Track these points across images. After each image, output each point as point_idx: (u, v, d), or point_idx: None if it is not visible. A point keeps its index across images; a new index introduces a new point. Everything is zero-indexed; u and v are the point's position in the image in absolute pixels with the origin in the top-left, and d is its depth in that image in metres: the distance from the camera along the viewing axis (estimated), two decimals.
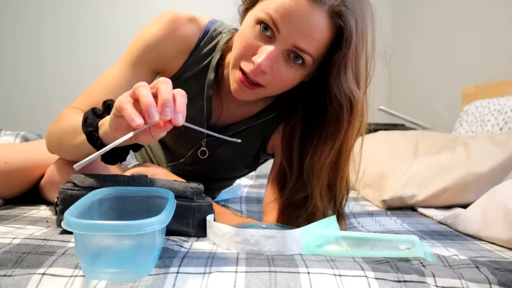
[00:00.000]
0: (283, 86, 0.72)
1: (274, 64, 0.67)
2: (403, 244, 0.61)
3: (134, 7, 2.79)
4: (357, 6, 0.66)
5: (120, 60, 0.80)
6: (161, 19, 0.77)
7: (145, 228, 0.43)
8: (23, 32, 2.73)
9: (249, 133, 0.88)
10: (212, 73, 0.81)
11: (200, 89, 0.82)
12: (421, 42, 2.53)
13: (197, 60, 0.81)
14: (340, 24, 0.66)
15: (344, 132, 0.72)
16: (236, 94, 0.73)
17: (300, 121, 0.79)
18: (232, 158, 0.91)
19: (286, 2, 0.63)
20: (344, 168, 0.77)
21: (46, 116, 2.66)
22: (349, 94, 0.70)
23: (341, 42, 0.67)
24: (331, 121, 0.73)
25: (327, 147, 0.73)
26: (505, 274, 0.51)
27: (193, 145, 0.89)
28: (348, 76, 0.69)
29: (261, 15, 0.66)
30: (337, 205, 0.79)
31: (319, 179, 0.75)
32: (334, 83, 0.69)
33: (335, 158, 0.74)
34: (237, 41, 0.70)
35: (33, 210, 0.79)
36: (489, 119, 1.48)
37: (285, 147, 0.82)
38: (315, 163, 0.74)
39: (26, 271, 0.45)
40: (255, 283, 0.45)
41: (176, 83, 0.82)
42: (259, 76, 0.68)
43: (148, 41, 0.77)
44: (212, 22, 0.82)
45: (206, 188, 0.75)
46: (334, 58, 0.68)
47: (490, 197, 0.80)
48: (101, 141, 0.60)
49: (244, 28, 0.69)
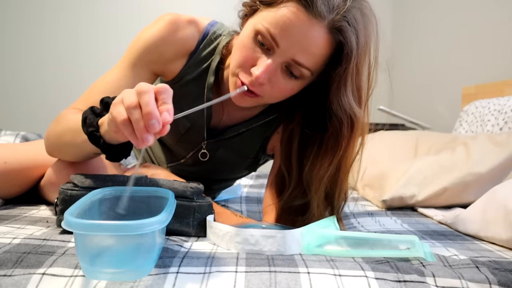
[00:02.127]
0: (281, 96, 0.72)
1: (272, 76, 0.67)
2: (403, 244, 0.61)
3: (134, 7, 2.79)
4: (360, 20, 0.65)
5: (120, 62, 0.79)
6: (161, 21, 0.77)
7: (145, 228, 0.43)
8: (23, 32, 2.73)
9: (249, 134, 0.88)
10: (212, 76, 0.81)
11: (200, 91, 0.82)
12: (421, 42, 2.53)
13: (197, 63, 0.81)
14: (340, 40, 0.65)
15: (343, 148, 0.72)
16: (236, 101, 0.72)
17: (298, 126, 0.79)
18: (232, 159, 0.91)
19: (286, 16, 0.63)
20: (343, 182, 0.76)
21: (46, 116, 2.66)
22: (350, 112, 0.69)
23: (341, 58, 0.66)
24: (330, 136, 0.72)
25: (326, 161, 0.73)
26: (505, 274, 0.51)
27: (193, 147, 0.89)
28: (348, 93, 0.68)
29: (260, 28, 0.65)
30: (334, 212, 0.78)
31: (317, 191, 0.74)
32: (334, 99, 0.69)
33: (334, 173, 0.74)
34: (237, 50, 0.70)
35: (33, 210, 0.79)
36: (489, 119, 1.48)
37: (283, 151, 0.81)
38: (314, 176, 0.74)
39: (26, 271, 0.45)
40: (255, 283, 0.45)
41: (176, 86, 0.82)
42: (257, 87, 0.68)
43: (147, 43, 0.77)
44: (211, 24, 0.82)
45: (206, 189, 0.75)
46: (333, 74, 0.67)
47: (490, 197, 0.80)
48: (103, 139, 0.59)
49: (244, 38, 0.69)
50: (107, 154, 0.61)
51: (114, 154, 0.62)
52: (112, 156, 0.62)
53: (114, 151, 0.61)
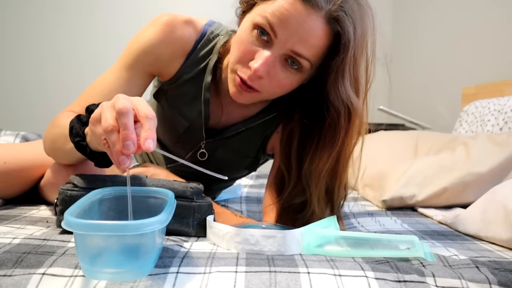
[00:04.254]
0: (280, 91, 0.72)
1: (271, 69, 0.67)
2: (403, 244, 0.61)
3: (134, 8, 2.79)
4: (356, 11, 0.66)
5: (116, 63, 0.79)
6: (157, 22, 0.77)
7: (145, 228, 0.43)
8: (23, 32, 2.73)
9: (249, 133, 0.87)
10: (209, 76, 0.80)
11: (198, 92, 0.82)
12: (421, 42, 2.53)
13: (194, 63, 0.81)
14: (338, 30, 0.65)
15: (341, 139, 0.72)
16: (235, 97, 0.72)
17: (298, 125, 0.79)
18: (232, 159, 0.91)
19: (283, 6, 0.63)
20: (342, 174, 0.76)
21: (46, 116, 2.65)
22: (347, 101, 0.69)
23: (338, 48, 0.66)
24: (328, 128, 0.72)
25: (325, 154, 0.73)
26: (505, 274, 0.51)
27: (192, 147, 0.89)
28: (345, 82, 0.68)
29: (258, 20, 0.65)
30: (335, 209, 0.78)
31: (317, 185, 0.74)
32: (332, 89, 0.69)
33: (333, 165, 0.74)
34: (235, 46, 0.70)
35: (33, 210, 0.79)
36: (489, 119, 1.48)
37: (283, 151, 0.81)
38: (313, 170, 0.74)
39: (26, 271, 0.45)
40: (255, 283, 0.45)
41: (173, 86, 0.82)
42: (256, 81, 0.68)
43: (144, 45, 0.76)
44: (209, 24, 0.82)
45: (206, 189, 0.75)
46: (331, 64, 0.67)
47: (490, 197, 0.80)
48: (89, 148, 0.60)
49: (241, 33, 0.69)
50: (95, 161, 0.62)
51: (102, 161, 0.62)
52: (100, 163, 0.62)
53: (102, 158, 0.62)
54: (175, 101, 0.84)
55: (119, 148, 0.47)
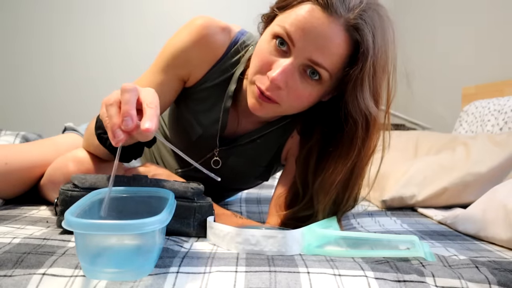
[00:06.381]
0: (299, 103, 0.70)
1: (289, 79, 0.66)
2: (403, 244, 0.61)
3: (139, 9, 2.78)
4: (376, 21, 0.65)
5: (151, 67, 0.79)
6: (192, 24, 0.75)
7: (145, 227, 0.43)
8: (23, 32, 2.73)
9: (263, 141, 0.86)
10: (234, 84, 0.79)
11: (218, 100, 0.81)
12: (421, 42, 2.53)
13: (221, 71, 0.79)
14: (357, 38, 0.64)
15: (358, 150, 0.69)
16: (254, 109, 0.71)
17: (317, 143, 0.76)
18: (243, 168, 0.89)
19: (301, 15, 0.63)
20: (354, 186, 0.74)
21: (46, 116, 2.68)
22: (365, 111, 0.67)
23: (357, 57, 0.64)
24: (346, 139, 0.70)
25: (340, 164, 0.70)
26: (504, 274, 0.51)
27: (205, 153, 0.87)
28: (364, 92, 0.66)
29: (276, 29, 0.65)
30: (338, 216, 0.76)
31: (327, 195, 0.72)
32: (350, 98, 0.67)
33: (347, 176, 0.71)
34: (254, 57, 0.69)
35: (33, 210, 0.79)
36: (489, 119, 1.48)
37: (300, 167, 0.78)
38: (326, 179, 0.71)
39: (26, 271, 0.45)
40: (255, 282, 0.45)
41: (195, 90, 0.81)
42: (274, 91, 0.67)
43: (177, 47, 0.76)
44: (241, 33, 0.81)
45: (214, 196, 0.74)
46: (350, 73, 0.65)
47: (490, 197, 0.80)
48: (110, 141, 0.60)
49: (261, 44, 0.68)
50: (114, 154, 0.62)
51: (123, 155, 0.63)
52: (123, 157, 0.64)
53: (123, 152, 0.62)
54: (193, 107, 0.84)
55: (116, 121, 0.49)
